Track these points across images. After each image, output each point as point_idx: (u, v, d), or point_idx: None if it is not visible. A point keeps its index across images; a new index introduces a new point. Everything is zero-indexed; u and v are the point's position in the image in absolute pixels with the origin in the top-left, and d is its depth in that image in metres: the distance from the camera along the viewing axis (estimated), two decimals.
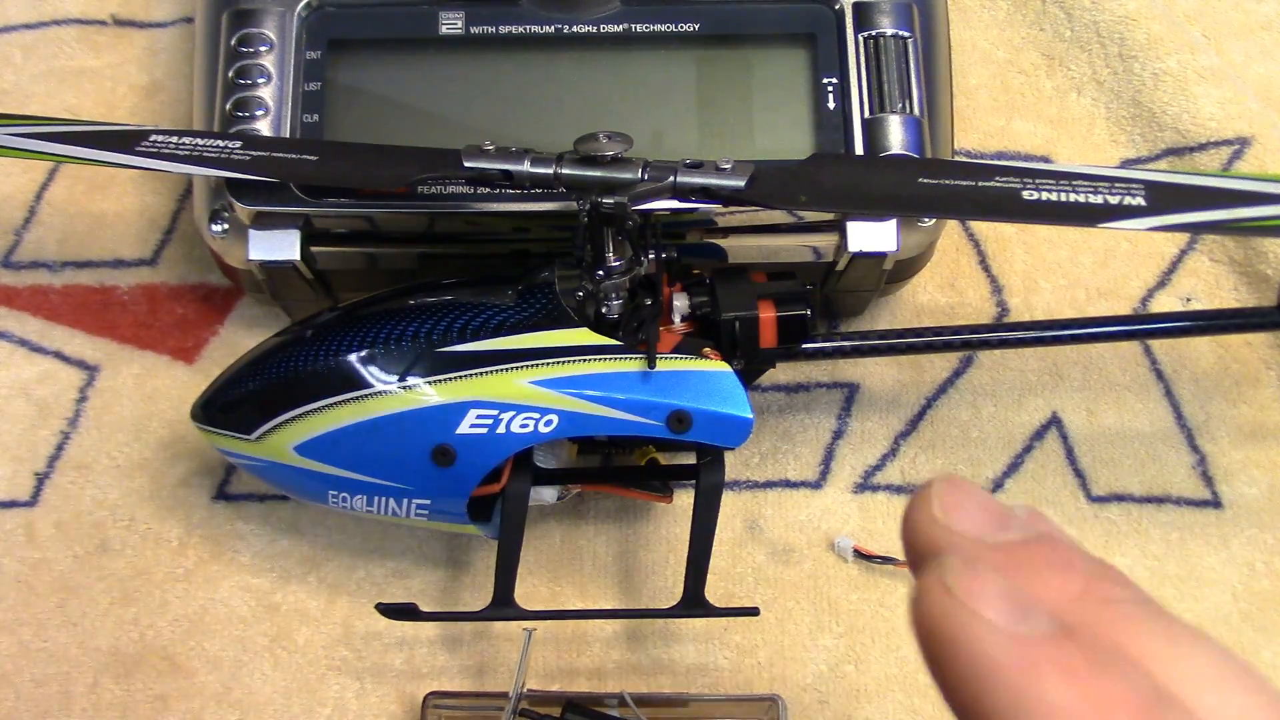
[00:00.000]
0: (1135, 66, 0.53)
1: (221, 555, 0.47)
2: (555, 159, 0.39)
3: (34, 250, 0.52)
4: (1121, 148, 0.53)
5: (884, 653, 0.46)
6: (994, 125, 0.54)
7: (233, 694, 0.45)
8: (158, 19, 0.56)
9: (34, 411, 0.49)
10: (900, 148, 0.44)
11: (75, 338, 0.51)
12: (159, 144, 0.41)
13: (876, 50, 0.45)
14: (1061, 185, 0.37)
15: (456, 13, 0.45)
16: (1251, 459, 0.49)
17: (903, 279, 0.48)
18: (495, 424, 0.40)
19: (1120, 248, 0.52)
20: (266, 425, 0.41)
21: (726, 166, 0.39)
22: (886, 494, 0.48)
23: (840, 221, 0.43)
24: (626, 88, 0.45)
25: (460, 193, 0.43)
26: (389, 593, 0.47)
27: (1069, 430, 0.49)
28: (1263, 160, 0.52)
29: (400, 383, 0.40)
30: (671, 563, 0.47)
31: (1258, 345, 0.50)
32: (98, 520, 0.48)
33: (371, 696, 0.45)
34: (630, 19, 0.46)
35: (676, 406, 0.40)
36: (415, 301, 0.42)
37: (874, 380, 0.50)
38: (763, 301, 0.42)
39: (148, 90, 0.54)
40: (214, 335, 0.51)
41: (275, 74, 0.44)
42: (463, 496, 0.41)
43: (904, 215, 0.43)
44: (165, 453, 0.49)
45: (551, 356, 0.40)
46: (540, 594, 0.47)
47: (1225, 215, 0.37)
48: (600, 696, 0.44)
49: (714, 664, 0.46)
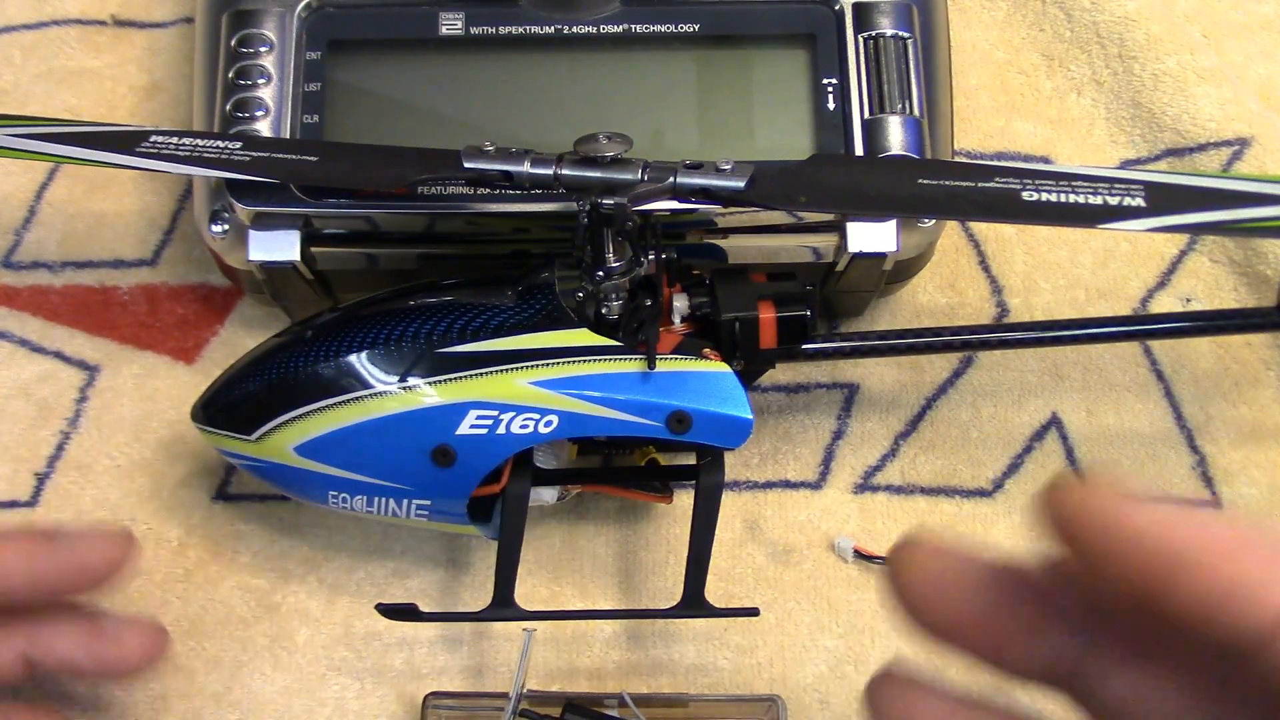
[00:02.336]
0: (1135, 67, 0.53)
1: (221, 556, 0.47)
2: (555, 160, 0.39)
3: (34, 250, 0.52)
4: (1121, 148, 0.53)
5: (884, 653, 0.46)
6: (994, 125, 0.54)
7: (233, 694, 0.45)
8: (158, 19, 0.56)
9: (34, 411, 0.49)
10: (900, 148, 0.44)
11: (75, 338, 0.51)
12: (159, 144, 0.41)
13: (876, 51, 0.45)
14: (1061, 186, 0.37)
15: (456, 13, 0.45)
16: (1251, 459, 0.49)
17: (903, 279, 0.48)
18: (495, 424, 0.40)
19: (1120, 248, 0.52)
20: (266, 426, 0.41)
21: (726, 167, 0.39)
22: (886, 494, 0.48)
23: (840, 222, 0.43)
24: (626, 88, 0.45)
25: (460, 193, 0.43)
26: (389, 593, 0.47)
27: (1069, 430, 0.49)
28: (1263, 161, 0.52)
29: (400, 383, 0.40)
30: (671, 563, 0.47)
31: (1258, 345, 0.50)
32: (98, 520, 0.48)
33: (371, 696, 0.45)
34: (630, 19, 0.46)
35: (676, 407, 0.40)
36: (415, 302, 0.42)
37: (874, 380, 0.50)
38: (763, 302, 0.42)
39: (148, 90, 0.54)
40: (214, 335, 0.51)
41: (275, 75, 0.44)
42: (463, 497, 0.41)
43: (904, 216, 0.43)
44: (165, 453, 0.49)
45: (551, 357, 0.40)
46: (540, 594, 0.47)
47: (1225, 216, 0.37)
48: (600, 697, 0.44)
49: (714, 664, 0.46)
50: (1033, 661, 0.27)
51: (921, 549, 0.27)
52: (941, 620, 0.27)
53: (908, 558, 0.27)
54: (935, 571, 0.27)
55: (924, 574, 0.27)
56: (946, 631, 0.27)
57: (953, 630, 0.27)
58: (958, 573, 0.27)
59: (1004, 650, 0.27)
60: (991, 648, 0.27)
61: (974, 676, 0.28)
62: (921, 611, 0.27)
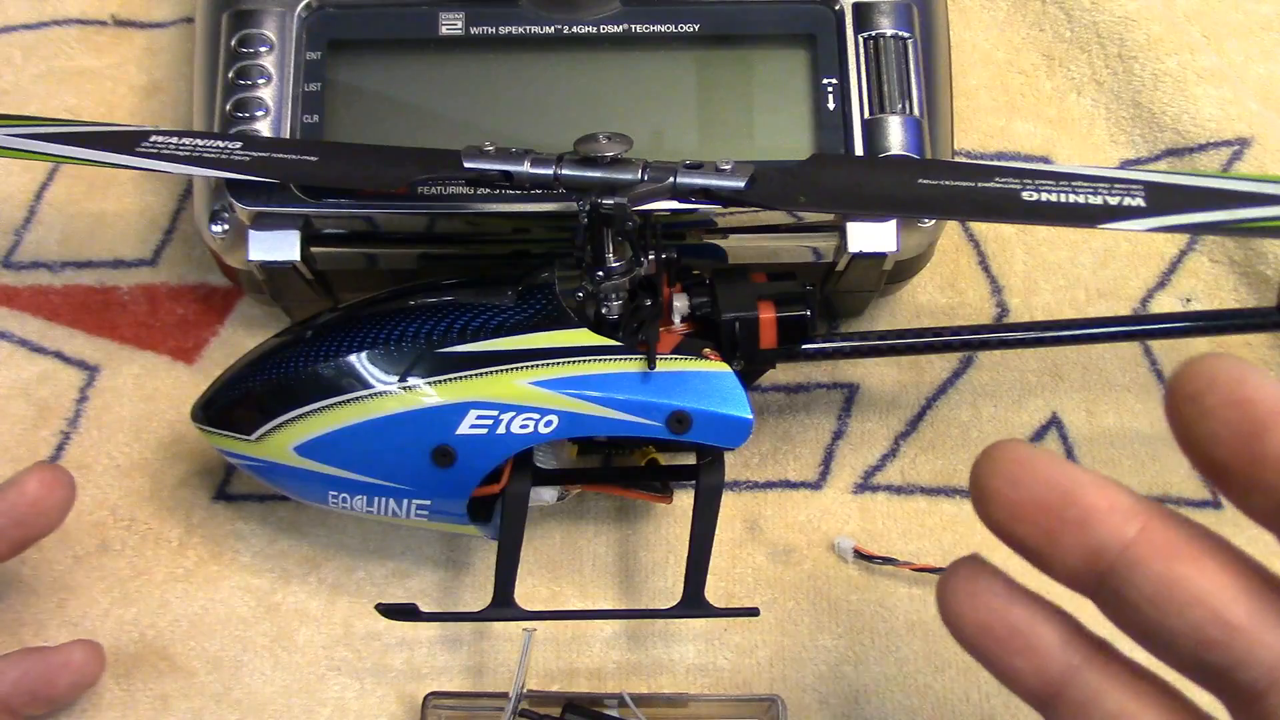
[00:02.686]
0: (1135, 67, 0.53)
1: (221, 555, 0.47)
2: (555, 160, 0.39)
3: (34, 250, 0.52)
4: (1121, 148, 0.53)
5: (884, 653, 0.46)
6: (994, 125, 0.54)
7: (233, 694, 0.45)
8: (158, 19, 0.56)
9: (34, 411, 0.49)
10: (900, 148, 0.44)
11: (75, 338, 0.51)
12: (159, 144, 0.41)
13: (876, 51, 0.45)
14: (1061, 186, 0.37)
15: (456, 13, 0.45)
16: None
17: (903, 279, 0.48)
18: (495, 424, 0.40)
19: (1120, 248, 0.52)
20: (266, 426, 0.41)
21: (726, 167, 0.39)
22: (886, 494, 0.48)
23: (840, 222, 0.43)
24: (626, 88, 0.45)
25: (460, 193, 0.43)
26: (389, 593, 0.47)
27: (1069, 431, 0.49)
28: (1263, 161, 0.52)
29: (400, 383, 0.40)
30: (671, 563, 0.47)
31: (1258, 345, 0.50)
32: (98, 520, 0.48)
33: (371, 696, 0.45)
34: (630, 19, 0.46)
35: (676, 407, 0.40)
36: (415, 302, 0.42)
37: (874, 380, 0.50)
38: (763, 302, 0.42)
39: (148, 90, 0.54)
40: (214, 335, 0.51)
41: (275, 75, 0.44)
42: (463, 497, 0.41)
43: (904, 216, 0.43)
44: (165, 453, 0.49)
45: (551, 357, 0.40)
46: (540, 594, 0.47)
47: (1225, 216, 0.37)
48: (600, 697, 0.44)
49: (714, 664, 0.46)
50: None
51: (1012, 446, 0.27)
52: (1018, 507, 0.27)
53: (996, 451, 0.27)
54: (1011, 460, 0.27)
55: (1001, 462, 0.27)
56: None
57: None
58: (1035, 462, 0.27)
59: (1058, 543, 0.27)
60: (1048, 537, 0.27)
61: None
62: (986, 494, 0.27)
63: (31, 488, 0.41)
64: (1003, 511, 0.27)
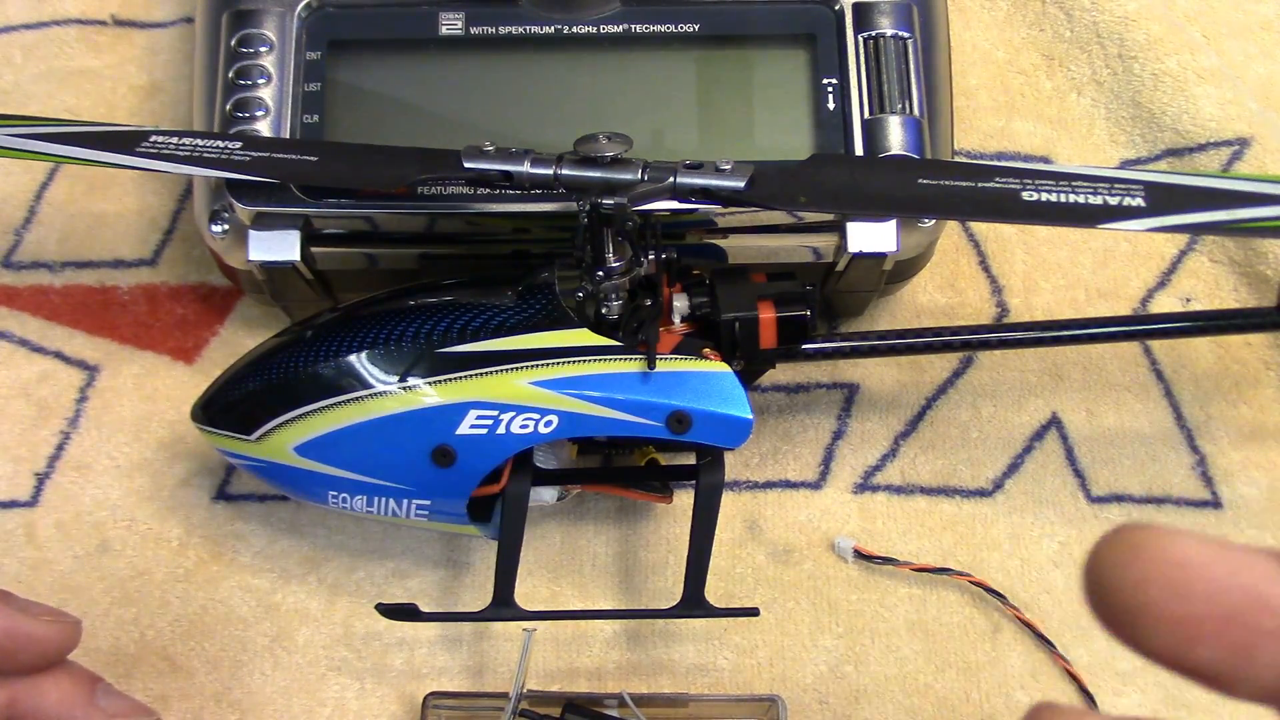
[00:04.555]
0: (1135, 67, 0.53)
1: (221, 556, 0.47)
2: (555, 160, 0.39)
3: (34, 250, 0.52)
4: (1121, 148, 0.53)
5: (884, 653, 0.46)
6: (994, 125, 0.54)
7: (233, 694, 0.45)
8: (158, 19, 0.56)
9: (34, 411, 0.49)
10: (900, 148, 0.44)
11: (75, 338, 0.51)
12: (159, 144, 0.41)
13: (876, 51, 0.45)
14: (1061, 186, 0.37)
15: (456, 13, 0.46)
16: (1251, 459, 0.49)
17: (903, 279, 0.48)
18: (495, 424, 0.40)
19: (1120, 248, 0.52)
20: (266, 426, 0.41)
21: (726, 167, 0.39)
22: (886, 494, 0.48)
23: (840, 222, 0.43)
24: (626, 88, 0.45)
25: (460, 193, 0.43)
26: (389, 593, 0.47)
27: (1069, 431, 0.49)
28: (1263, 161, 0.51)
29: (400, 383, 0.40)
30: (671, 563, 0.47)
31: (1258, 345, 0.50)
32: (98, 520, 0.48)
33: (371, 696, 0.45)
34: (630, 19, 0.46)
35: (676, 407, 0.40)
36: (415, 302, 0.42)
37: (874, 380, 0.50)
38: (763, 302, 0.42)
39: (148, 90, 0.54)
40: (214, 335, 0.51)
41: (275, 75, 0.44)
42: (463, 497, 0.41)
43: (904, 216, 0.43)
44: (165, 453, 0.49)
45: (551, 357, 0.40)
46: (540, 594, 0.47)
47: (1225, 216, 0.37)
48: (600, 697, 0.44)
49: (714, 664, 0.46)
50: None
51: (1147, 533, 0.21)
52: (1169, 621, 0.21)
53: (1128, 543, 0.21)
54: (1166, 562, 0.21)
55: (1152, 565, 0.21)
56: (1173, 636, 0.21)
57: (1181, 634, 0.21)
58: (1198, 561, 0.21)
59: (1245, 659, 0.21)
60: (1230, 656, 0.21)
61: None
62: (1144, 611, 0.21)
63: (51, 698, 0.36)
64: (1174, 634, 0.20)
